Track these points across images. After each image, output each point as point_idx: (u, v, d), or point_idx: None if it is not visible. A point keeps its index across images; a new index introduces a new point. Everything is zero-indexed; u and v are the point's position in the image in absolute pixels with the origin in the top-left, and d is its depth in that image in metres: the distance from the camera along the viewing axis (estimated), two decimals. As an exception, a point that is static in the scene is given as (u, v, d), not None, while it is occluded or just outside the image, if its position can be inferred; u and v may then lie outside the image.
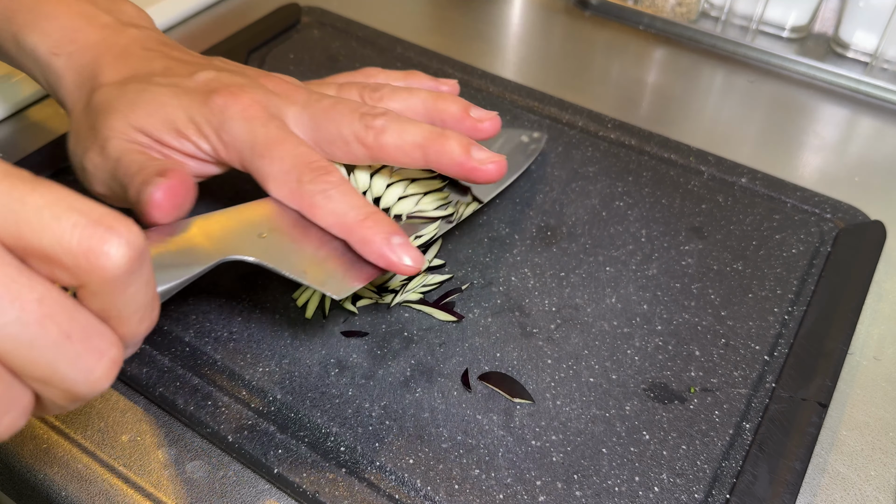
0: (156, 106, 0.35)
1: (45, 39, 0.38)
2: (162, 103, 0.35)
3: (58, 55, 0.38)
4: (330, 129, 0.35)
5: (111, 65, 0.37)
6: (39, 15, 0.38)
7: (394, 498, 0.32)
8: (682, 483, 0.33)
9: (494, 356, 0.38)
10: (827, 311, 0.40)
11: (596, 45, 0.65)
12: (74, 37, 0.38)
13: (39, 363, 0.21)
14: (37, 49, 0.38)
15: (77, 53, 0.38)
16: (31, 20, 0.38)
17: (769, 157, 0.54)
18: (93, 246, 0.20)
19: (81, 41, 0.38)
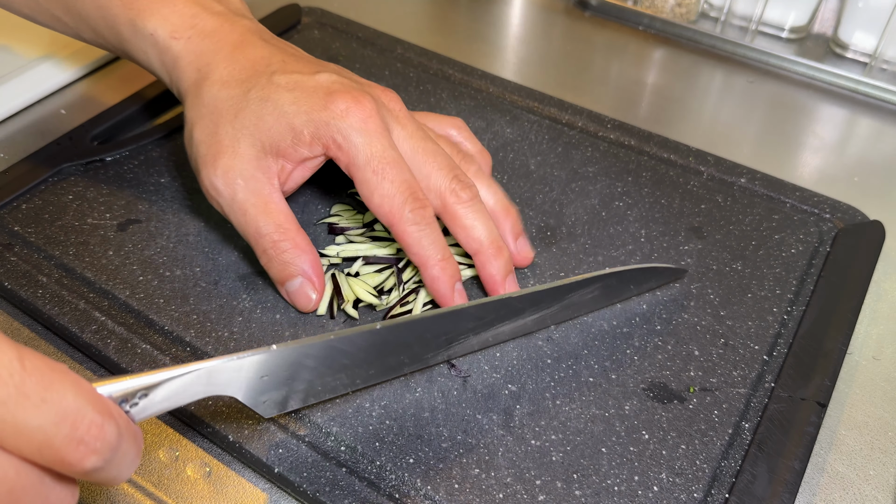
0: (278, 115, 0.37)
1: (164, 24, 0.40)
2: (284, 112, 0.37)
3: (177, 39, 0.40)
4: (423, 169, 0.38)
5: (230, 56, 0.39)
6: (157, 1, 0.40)
7: (394, 497, 0.32)
8: (682, 482, 0.33)
9: (494, 356, 0.38)
10: (826, 311, 0.41)
11: (596, 46, 0.65)
12: (193, 22, 0.40)
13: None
14: (156, 33, 0.40)
15: (195, 38, 0.40)
16: (148, 5, 0.40)
17: (768, 158, 0.54)
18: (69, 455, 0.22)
19: (199, 27, 0.40)
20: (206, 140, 0.38)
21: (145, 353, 0.37)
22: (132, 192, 0.46)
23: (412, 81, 0.56)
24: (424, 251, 0.38)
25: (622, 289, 0.40)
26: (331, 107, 0.37)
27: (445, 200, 0.38)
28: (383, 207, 0.37)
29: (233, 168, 0.37)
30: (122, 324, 0.38)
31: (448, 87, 0.56)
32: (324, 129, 0.37)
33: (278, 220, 0.38)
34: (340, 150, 0.37)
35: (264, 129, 0.37)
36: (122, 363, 0.37)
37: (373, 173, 0.37)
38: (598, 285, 0.39)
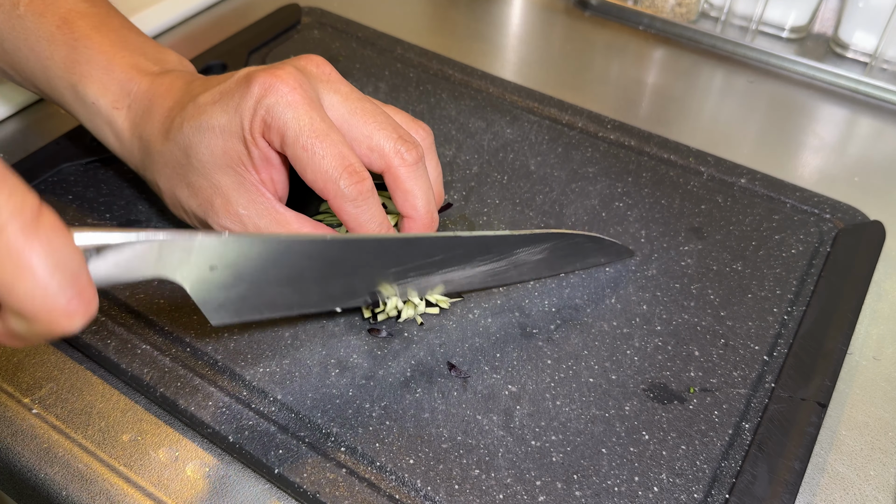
0: (218, 134, 0.36)
1: (105, 93, 0.40)
2: (221, 127, 0.36)
3: (118, 109, 0.40)
4: (363, 129, 0.37)
5: (160, 106, 0.39)
6: (97, 66, 0.40)
7: (394, 498, 0.32)
8: (682, 483, 0.33)
9: (494, 356, 0.38)
10: (826, 311, 0.41)
11: (596, 46, 0.65)
12: (129, 88, 0.40)
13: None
14: (98, 103, 0.40)
15: (134, 104, 0.40)
16: (89, 72, 0.40)
17: (768, 158, 0.54)
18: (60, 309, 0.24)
19: (134, 92, 0.40)
20: (190, 195, 0.38)
21: (145, 353, 0.37)
22: (132, 192, 0.46)
23: (412, 82, 0.56)
24: (362, 227, 0.36)
25: (568, 256, 0.41)
26: (252, 90, 0.35)
27: (389, 162, 0.37)
28: (317, 184, 0.35)
29: (227, 204, 0.37)
30: (122, 324, 0.38)
31: (448, 87, 0.56)
32: (254, 117, 0.35)
33: (294, 229, 0.37)
34: (270, 131, 0.35)
35: (219, 154, 0.36)
36: (121, 364, 0.37)
37: (302, 149, 0.35)
38: (546, 246, 0.39)
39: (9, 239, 0.22)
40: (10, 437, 0.35)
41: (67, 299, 0.24)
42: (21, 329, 0.25)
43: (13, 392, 0.37)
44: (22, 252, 0.23)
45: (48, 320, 0.24)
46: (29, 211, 0.23)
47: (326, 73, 0.38)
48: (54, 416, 0.36)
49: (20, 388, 0.37)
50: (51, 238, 0.23)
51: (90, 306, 0.25)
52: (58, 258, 0.23)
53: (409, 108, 0.54)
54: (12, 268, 0.23)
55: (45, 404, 0.36)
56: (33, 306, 0.23)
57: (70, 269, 0.24)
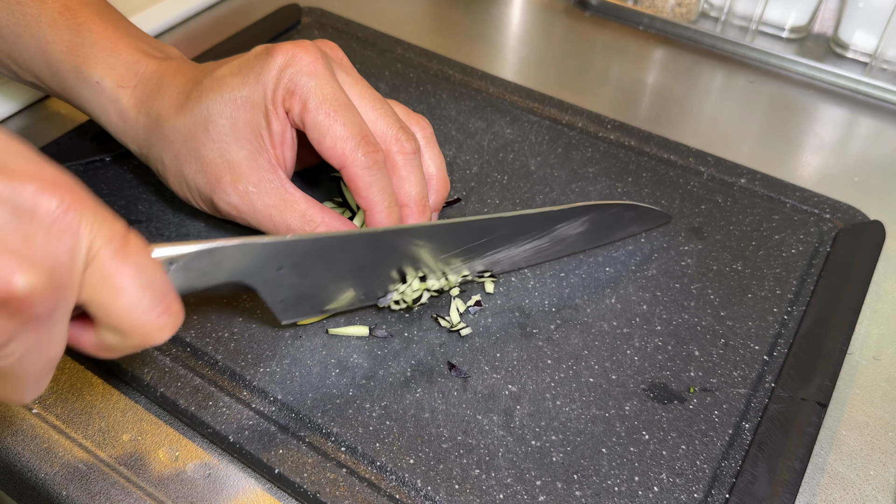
0: (239, 104, 0.37)
1: (111, 73, 0.40)
2: (242, 98, 0.37)
3: (124, 88, 0.40)
4: (369, 115, 0.38)
5: (170, 84, 0.39)
6: (102, 49, 0.40)
7: (394, 498, 0.32)
8: (682, 483, 0.33)
9: (494, 356, 0.38)
10: (826, 311, 0.41)
11: (596, 46, 0.65)
12: (136, 69, 0.40)
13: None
14: (103, 82, 0.40)
15: (140, 85, 0.40)
16: (93, 53, 0.40)
17: (768, 158, 0.54)
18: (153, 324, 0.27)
19: (142, 73, 0.40)
20: (198, 170, 0.38)
21: (146, 353, 0.37)
22: (132, 193, 0.46)
23: (412, 82, 0.56)
24: (374, 196, 0.37)
25: (608, 227, 0.42)
26: (276, 60, 0.37)
27: (389, 148, 0.38)
28: (335, 150, 0.36)
29: (238, 180, 0.37)
30: (123, 324, 0.38)
31: (448, 87, 0.56)
32: (277, 86, 0.36)
33: (302, 209, 0.38)
34: (293, 97, 0.36)
35: (239, 127, 0.37)
36: (121, 363, 0.37)
37: (325, 115, 0.36)
38: (585, 219, 0.40)
39: (103, 264, 0.24)
40: (10, 436, 0.35)
41: (157, 314, 0.26)
42: (115, 343, 0.27)
43: (13, 392, 0.37)
44: (115, 275, 0.25)
45: (141, 334, 0.26)
46: (119, 237, 0.25)
47: (339, 56, 0.40)
48: (54, 415, 0.36)
49: (20, 388, 0.37)
50: (139, 261, 0.25)
51: (177, 318, 0.27)
52: (146, 278, 0.26)
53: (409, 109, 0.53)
54: (108, 290, 0.25)
55: (46, 404, 0.36)
56: (128, 323, 0.26)
57: (158, 287, 0.26)
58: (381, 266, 0.37)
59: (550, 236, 0.40)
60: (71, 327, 0.27)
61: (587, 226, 0.41)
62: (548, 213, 0.39)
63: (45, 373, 0.26)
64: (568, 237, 0.41)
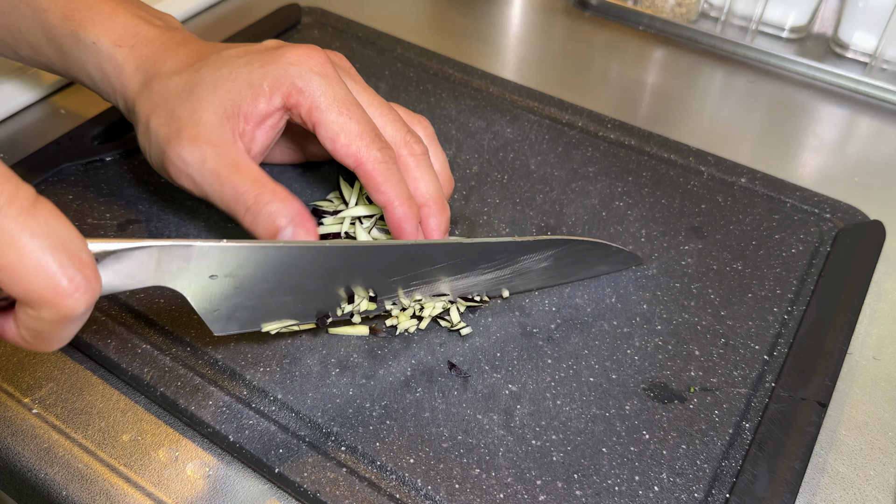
0: (234, 78, 0.37)
1: (107, 33, 0.40)
2: (239, 73, 0.38)
3: (121, 47, 0.40)
4: (377, 120, 0.39)
5: (175, 52, 0.40)
6: (100, 13, 0.41)
7: (394, 497, 0.32)
8: (682, 482, 0.33)
9: (495, 356, 0.38)
10: (826, 311, 0.41)
11: (596, 46, 0.65)
12: (135, 31, 0.41)
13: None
14: (99, 41, 0.40)
15: (139, 45, 0.40)
16: (90, 17, 0.41)
17: (769, 157, 0.54)
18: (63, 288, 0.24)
19: (142, 35, 0.41)
20: (164, 122, 0.38)
21: (145, 353, 0.37)
22: (132, 192, 0.46)
23: (412, 81, 0.56)
24: (392, 190, 0.37)
25: (575, 265, 0.41)
26: (285, 57, 0.37)
27: (399, 151, 0.39)
28: (350, 147, 0.37)
29: (197, 136, 0.37)
30: (122, 324, 0.38)
31: (448, 86, 0.56)
32: (283, 78, 0.37)
33: (253, 175, 0.37)
34: (302, 95, 0.37)
35: (222, 94, 0.37)
36: (122, 363, 0.37)
37: (338, 114, 0.37)
38: (550, 254, 0.39)
39: (7, 223, 0.23)
40: (10, 437, 0.35)
41: (69, 277, 0.24)
42: (32, 322, 0.25)
43: (13, 392, 0.37)
44: (21, 234, 0.23)
45: (53, 301, 0.24)
46: (24, 197, 0.24)
47: (346, 66, 0.41)
48: (54, 415, 0.36)
49: (20, 388, 0.37)
50: (48, 220, 0.24)
51: (92, 283, 0.25)
52: (56, 238, 0.24)
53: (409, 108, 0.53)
54: (13, 251, 0.23)
55: (46, 404, 0.36)
56: (37, 288, 0.24)
57: (69, 248, 0.24)
58: (326, 283, 0.34)
59: (513, 268, 0.39)
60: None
61: (551, 261, 0.40)
62: (513, 244, 0.38)
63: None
64: (531, 270, 0.40)
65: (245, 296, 0.33)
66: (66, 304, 0.24)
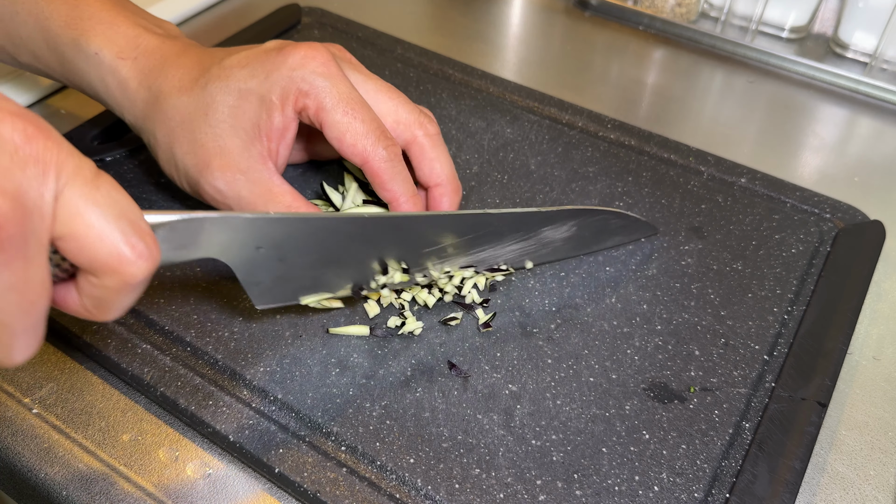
0: (244, 96, 0.38)
1: (109, 45, 0.40)
2: (248, 90, 0.38)
3: (124, 59, 0.40)
4: (387, 104, 0.40)
5: (176, 63, 0.40)
6: (101, 22, 0.41)
7: (395, 497, 0.32)
8: (682, 482, 0.33)
9: (495, 355, 0.38)
10: (826, 311, 0.41)
11: (596, 46, 0.65)
12: (137, 42, 0.41)
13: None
14: (101, 53, 0.40)
15: (141, 57, 0.40)
16: (91, 26, 0.41)
17: (768, 157, 0.54)
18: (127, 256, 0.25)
19: (143, 46, 0.41)
20: (189, 151, 0.38)
21: (146, 353, 0.37)
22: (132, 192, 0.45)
23: (412, 81, 0.56)
24: (398, 187, 0.38)
25: (595, 234, 0.42)
26: (288, 61, 0.37)
27: (414, 132, 0.40)
28: (357, 146, 0.37)
29: (226, 165, 0.38)
30: (123, 324, 0.38)
31: (448, 87, 0.56)
32: (288, 84, 0.37)
33: (286, 202, 0.38)
34: (308, 97, 0.37)
35: (239, 116, 0.38)
36: (122, 363, 0.37)
37: (343, 114, 0.37)
38: (573, 223, 0.40)
39: (73, 196, 0.24)
40: (10, 437, 0.35)
41: (132, 245, 0.25)
42: (96, 290, 0.26)
43: (13, 392, 0.37)
44: (85, 207, 0.24)
45: (117, 269, 0.25)
46: (87, 171, 0.24)
47: (348, 57, 0.41)
48: (54, 415, 0.36)
49: (20, 388, 0.37)
50: (110, 191, 0.25)
51: (153, 251, 0.26)
52: (118, 209, 0.25)
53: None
54: (80, 222, 0.24)
55: (46, 404, 0.36)
56: (102, 256, 0.25)
57: (130, 218, 0.25)
58: (363, 255, 0.36)
59: (537, 238, 0.40)
60: (56, 289, 0.27)
61: (574, 230, 0.41)
62: (538, 213, 0.39)
63: (29, 325, 0.25)
64: (554, 241, 0.41)
65: (287, 267, 0.34)
66: (130, 271, 0.25)
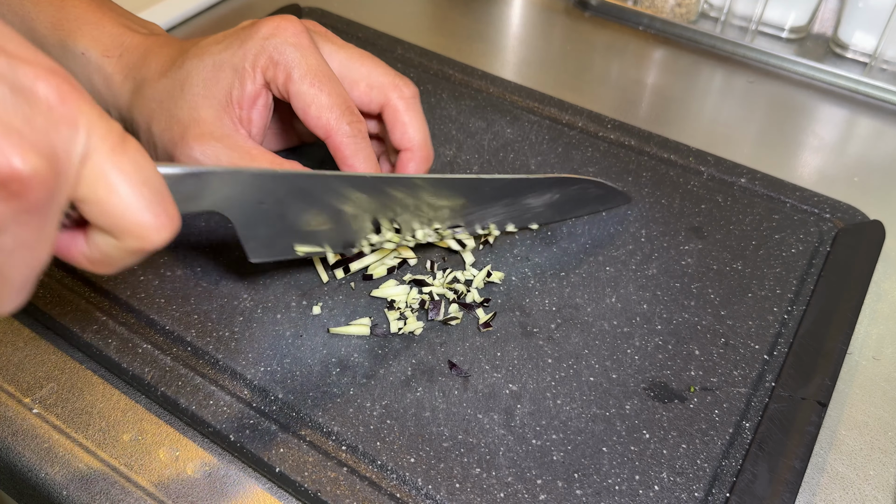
0: (218, 67, 0.38)
1: (96, 44, 0.41)
2: (222, 61, 0.38)
3: (109, 57, 0.41)
4: (362, 69, 0.40)
5: (157, 55, 0.40)
6: (87, 23, 0.41)
7: (395, 497, 0.32)
8: (683, 482, 0.33)
9: (495, 355, 0.38)
10: (826, 311, 0.41)
11: (596, 46, 0.65)
12: (121, 41, 0.41)
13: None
14: (87, 53, 0.41)
15: (126, 54, 0.41)
16: (78, 27, 0.41)
17: (768, 158, 0.54)
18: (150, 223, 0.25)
19: (127, 44, 0.41)
20: (166, 127, 0.38)
21: (146, 352, 0.37)
22: (133, 192, 0.46)
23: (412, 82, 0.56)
24: (359, 164, 0.38)
25: (574, 202, 0.44)
26: (261, 30, 0.38)
27: (388, 94, 0.40)
28: (321, 119, 0.38)
29: (202, 134, 0.38)
30: (123, 323, 0.38)
31: (448, 87, 0.56)
32: (260, 53, 0.38)
33: (267, 158, 0.38)
34: (277, 67, 0.37)
35: (212, 86, 0.38)
36: (123, 363, 0.37)
37: (309, 86, 0.37)
38: (556, 191, 0.42)
39: (101, 160, 0.24)
40: (10, 436, 0.35)
41: (156, 214, 0.25)
42: (110, 249, 0.26)
43: (14, 392, 0.37)
44: (112, 171, 0.24)
45: (139, 234, 0.25)
46: (116, 134, 0.24)
47: (322, 30, 0.41)
48: (55, 415, 0.36)
49: (21, 388, 0.37)
50: (136, 158, 0.25)
51: (175, 220, 0.26)
52: (145, 175, 0.25)
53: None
54: (105, 185, 0.24)
55: (46, 404, 0.36)
56: (125, 221, 0.25)
57: (155, 186, 0.25)
58: (359, 213, 0.37)
59: (520, 204, 0.41)
60: (60, 237, 0.26)
61: (556, 198, 0.43)
62: (524, 180, 0.40)
63: (28, 279, 0.25)
64: (536, 206, 0.42)
65: (286, 223, 0.35)
66: (151, 237, 0.25)
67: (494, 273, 0.42)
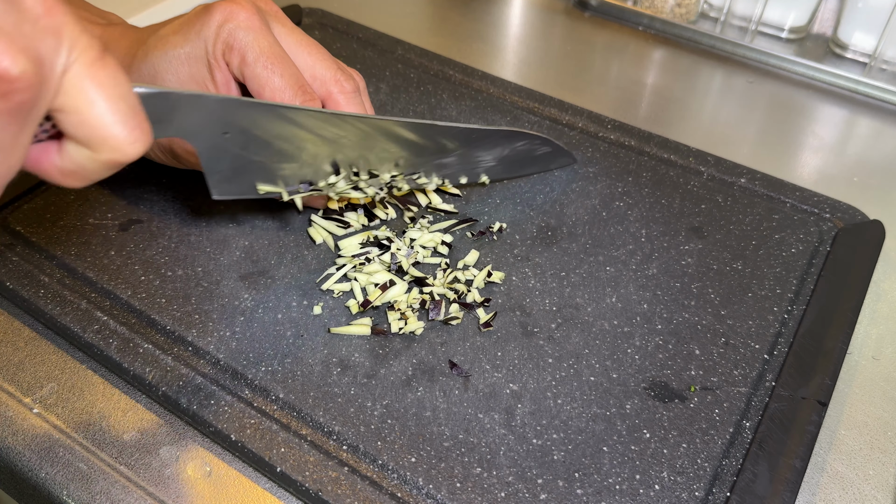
0: (184, 59, 0.39)
1: None
2: (185, 54, 0.38)
3: None
4: (307, 60, 0.40)
5: (117, 46, 0.41)
6: None
7: (396, 496, 0.32)
8: (683, 481, 0.33)
9: (496, 355, 0.38)
10: (826, 311, 0.41)
11: (595, 46, 0.65)
12: None
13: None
14: None
15: None
16: None
17: (768, 158, 0.54)
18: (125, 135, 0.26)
19: None
20: None
21: (147, 352, 0.37)
22: (133, 193, 0.46)
23: (413, 82, 0.56)
24: None
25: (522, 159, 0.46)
26: (214, 17, 0.38)
27: (329, 89, 0.40)
28: (276, 100, 0.38)
29: None
30: (124, 323, 0.38)
31: (448, 87, 0.56)
32: (217, 40, 0.38)
33: None
34: (232, 52, 0.38)
35: (184, 80, 0.39)
36: (123, 363, 0.37)
37: (263, 68, 0.38)
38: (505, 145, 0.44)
39: (81, 71, 0.24)
40: (10, 436, 0.35)
41: (131, 127, 0.26)
42: (84, 161, 0.26)
43: (14, 392, 0.37)
44: (92, 83, 0.25)
45: (113, 146, 0.26)
46: (97, 49, 0.25)
47: (274, 9, 0.41)
48: (55, 415, 0.36)
49: (21, 388, 0.37)
50: (115, 73, 0.25)
51: (147, 135, 0.27)
52: (122, 90, 0.25)
53: (409, 109, 0.54)
54: (84, 97, 0.25)
55: (46, 404, 0.36)
56: (102, 132, 0.25)
57: (131, 100, 0.26)
58: (319, 151, 0.38)
59: (472, 156, 0.43)
60: (32, 148, 0.27)
61: (506, 152, 0.44)
62: (476, 130, 0.42)
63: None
64: (486, 160, 0.44)
65: (248, 158, 0.35)
66: (126, 150, 0.26)
67: (495, 273, 0.42)
